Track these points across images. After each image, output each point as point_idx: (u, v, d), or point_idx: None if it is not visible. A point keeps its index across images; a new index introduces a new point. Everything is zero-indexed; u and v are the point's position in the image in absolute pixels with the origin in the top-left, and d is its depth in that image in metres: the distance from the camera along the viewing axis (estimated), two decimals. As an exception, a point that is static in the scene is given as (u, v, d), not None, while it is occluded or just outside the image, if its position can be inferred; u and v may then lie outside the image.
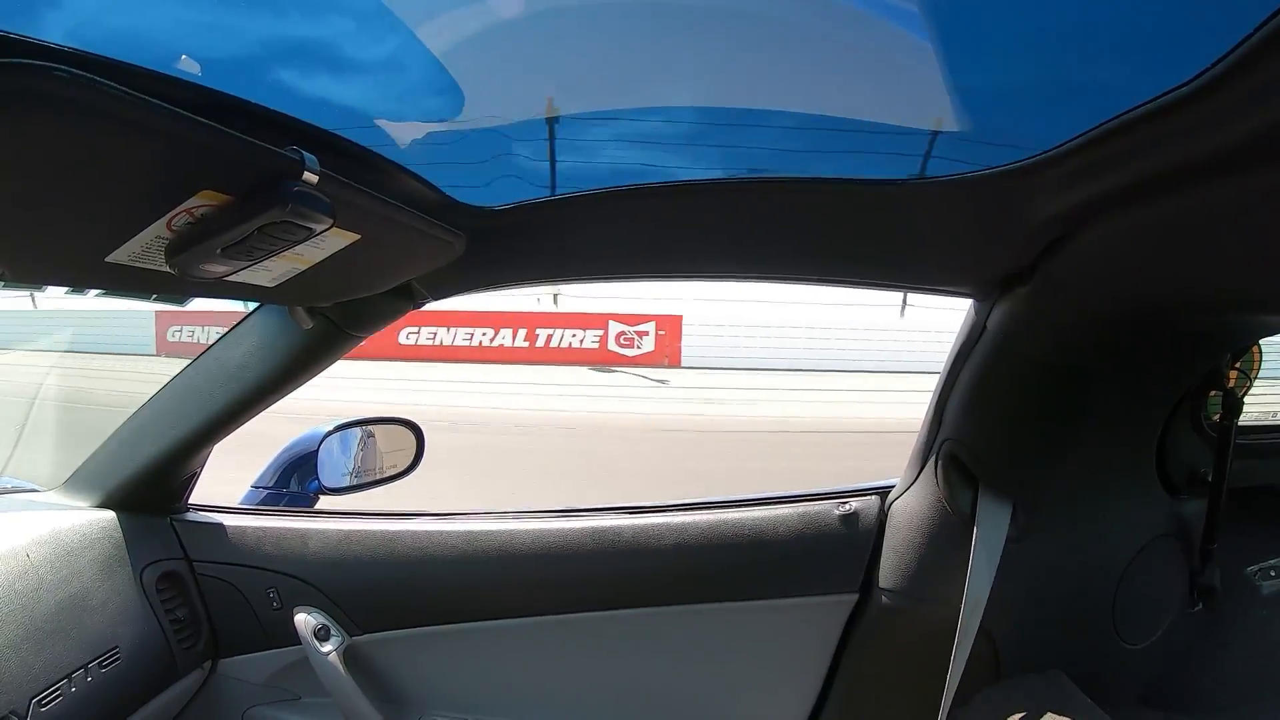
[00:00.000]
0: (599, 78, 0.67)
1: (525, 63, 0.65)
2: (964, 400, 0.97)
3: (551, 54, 0.64)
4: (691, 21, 0.61)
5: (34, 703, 0.83)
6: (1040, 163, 0.63)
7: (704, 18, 0.61)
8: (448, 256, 0.82)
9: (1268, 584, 1.16)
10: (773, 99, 0.68)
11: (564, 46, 0.64)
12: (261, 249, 0.56)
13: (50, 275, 0.65)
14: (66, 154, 0.42)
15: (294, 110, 0.58)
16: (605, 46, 0.64)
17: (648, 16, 0.61)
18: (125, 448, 1.11)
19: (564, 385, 10.56)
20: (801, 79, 0.66)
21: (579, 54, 0.65)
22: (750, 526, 1.10)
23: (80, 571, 0.97)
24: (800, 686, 1.13)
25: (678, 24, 0.61)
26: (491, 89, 0.68)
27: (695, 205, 0.80)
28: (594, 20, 0.62)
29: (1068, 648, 1.06)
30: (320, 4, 0.57)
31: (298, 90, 0.60)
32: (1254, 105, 0.47)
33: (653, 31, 0.62)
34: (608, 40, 0.63)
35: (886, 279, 0.96)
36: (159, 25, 0.53)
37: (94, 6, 0.50)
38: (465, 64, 0.63)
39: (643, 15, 0.61)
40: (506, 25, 0.60)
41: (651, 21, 0.61)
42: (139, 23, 0.52)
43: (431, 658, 1.16)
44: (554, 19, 0.61)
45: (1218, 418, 1.06)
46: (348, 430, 1.38)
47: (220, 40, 0.55)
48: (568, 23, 0.61)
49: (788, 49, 0.62)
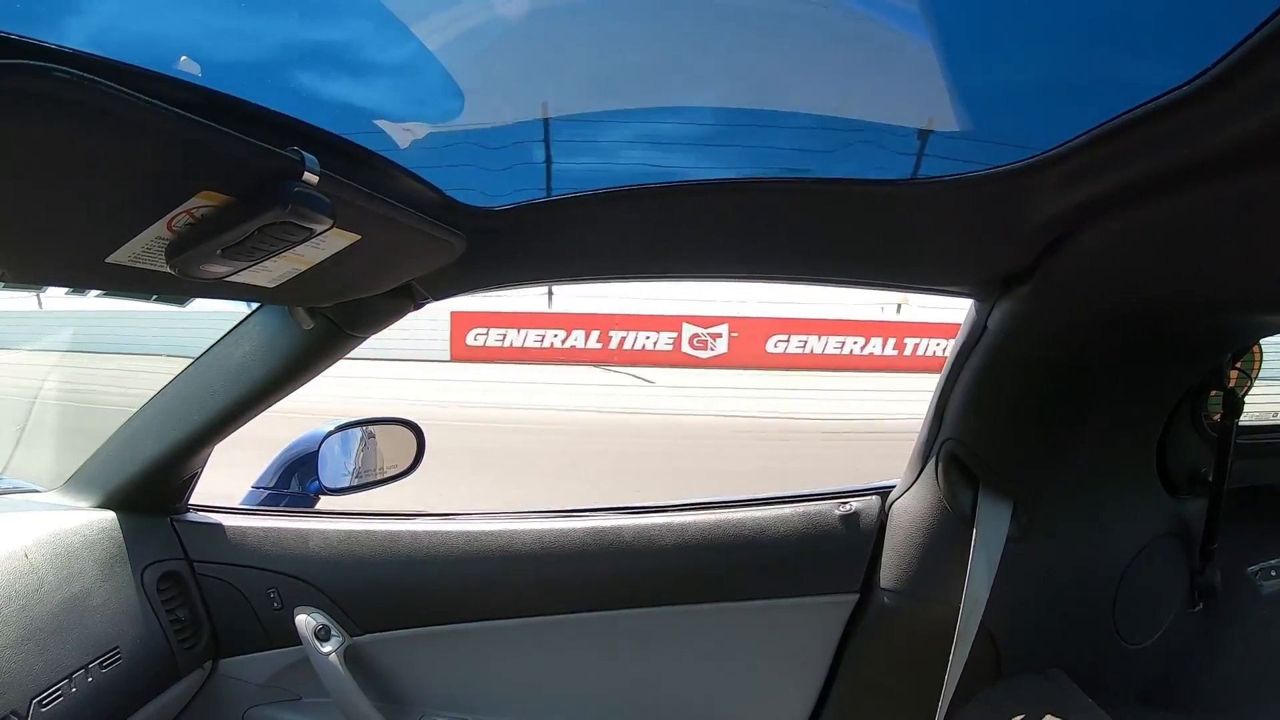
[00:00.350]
0: (598, 79, 0.67)
1: (525, 63, 0.65)
2: (965, 400, 0.97)
3: (551, 54, 0.64)
4: (692, 22, 0.61)
5: (35, 703, 0.83)
6: (1041, 162, 0.63)
7: (705, 19, 0.61)
8: (448, 257, 0.82)
9: (1268, 584, 1.16)
10: (773, 100, 0.68)
11: (563, 47, 0.64)
12: (262, 249, 0.56)
13: (51, 275, 0.65)
14: (67, 154, 0.42)
15: (294, 111, 0.58)
16: (604, 47, 0.64)
17: (647, 16, 0.61)
18: (126, 448, 1.11)
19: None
20: (801, 79, 0.66)
21: (578, 54, 0.65)
22: (751, 526, 1.10)
23: (81, 572, 0.97)
24: (801, 686, 1.13)
25: (678, 24, 0.61)
26: (491, 89, 0.68)
27: (696, 205, 0.80)
28: (592, 20, 0.62)
29: (1068, 647, 1.06)
30: (322, 5, 0.57)
31: (299, 91, 0.60)
32: (1254, 105, 0.47)
33: (653, 31, 0.62)
34: (607, 41, 0.63)
35: (887, 279, 0.96)
36: (164, 29, 0.53)
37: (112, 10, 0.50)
38: (465, 64, 0.63)
39: (642, 14, 0.61)
40: (506, 26, 0.60)
41: (651, 21, 0.61)
42: (150, 27, 0.52)
43: (432, 658, 1.16)
44: (553, 19, 0.61)
45: (1218, 417, 1.06)
46: (348, 430, 1.38)
47: (222, 40, 0.55)
48: (566, 23, 0.62)
49: (788, 50, 0.62)
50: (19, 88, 0.37)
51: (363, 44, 0.61)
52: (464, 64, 0.63)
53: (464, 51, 0.62)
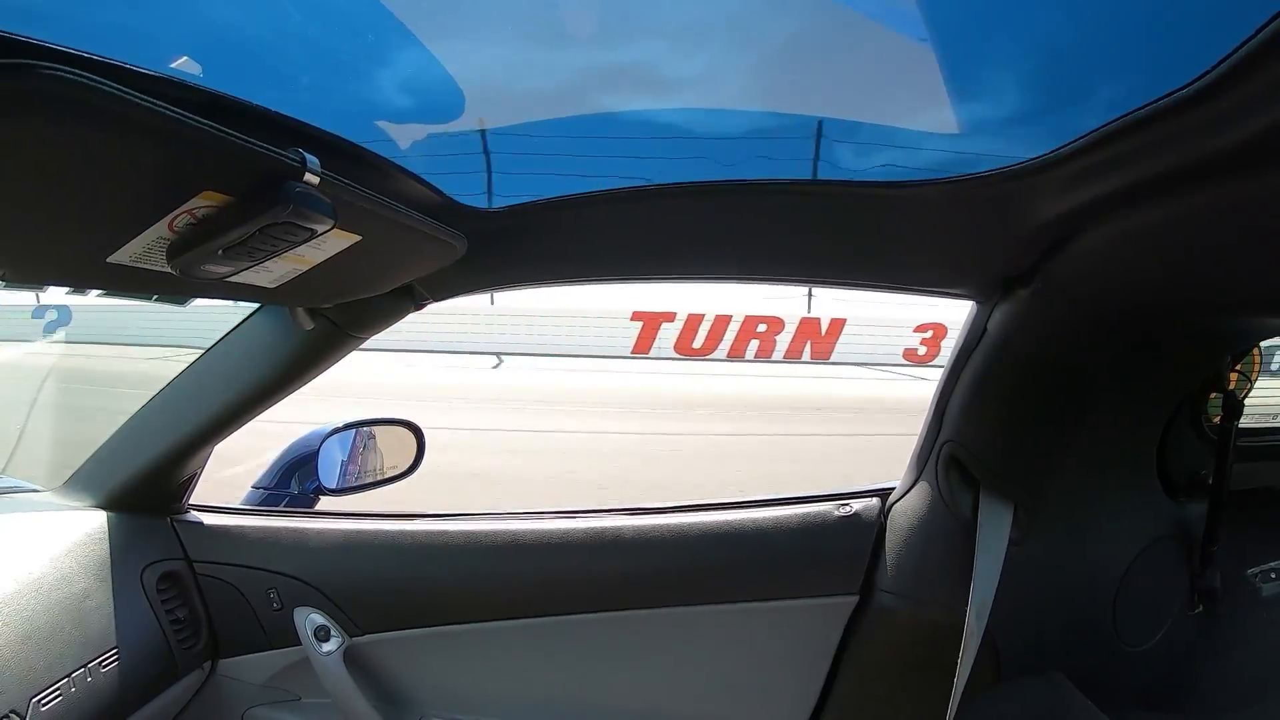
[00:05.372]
0: (597, 80, 0.67)
1: (524, 63, 0.65)
2: (965, 402, 0.97)
3: (551, 54, 0.64)
4: (692, 21, 0.61)
5: (34, 702, 0.83)
6: (1042, 165, 0.63)
7: (705, 18, 0.61)
8: (449, 257, 0.82)
9: (1268, 586, 1.16)
10: (773, 101, 0.68)
11: (563, 46, 0.64)
12: (263, 250, 0.56)
13: (51, 275, 0.65)
14: (67, 155, 0.42)
15: (296, 112, 0.58)
16: (604, 46, 0.64)
17: (648, 15, 0.61)
18: (126, 448, 1.11)
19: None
20: (802, 80, 0.66)
21: (578, 54, 0.65)
22: (750, 528, 1.10)
23: (80, 571, 0.97)
24: (800, 688, 1.13)
25: (678, 23, 0.61)
26: (491, 90, 0.68)
27: (696, 207, 0.80)
28: (591, 20, 0.62)
29: (1068, 650, 1.06)
30: (325, 5, 0.57)
31: (300, 91, 0.60)
32: (1255, 108, 0.47)
33: (652, 31, 0.62)
34: (606, 39, 0.63)
35: (887, 281, 0.96)
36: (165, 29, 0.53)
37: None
38: (465, 65, 0.63)
39: (644, 13, 0.61)
40: (505, 25, 0.60)
41: (652, 20, 0.61)
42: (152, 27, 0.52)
43: (431, 658, 1.16)
44: (550, 19, 0.61)
45: (1218, 420, 1.06)
46: (348, 431, 1.38)
47: (223, 40, 0.55)
48: (565, 24, 0.62)
49: (789, 50, 0.62)
50: (19, 88, 0.37)
51: (364, 44, 0.61)
52: (464, 64, 0.63)
53: (464, 51, 0.62)
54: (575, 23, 0.62)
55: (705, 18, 0.60)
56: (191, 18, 0.55)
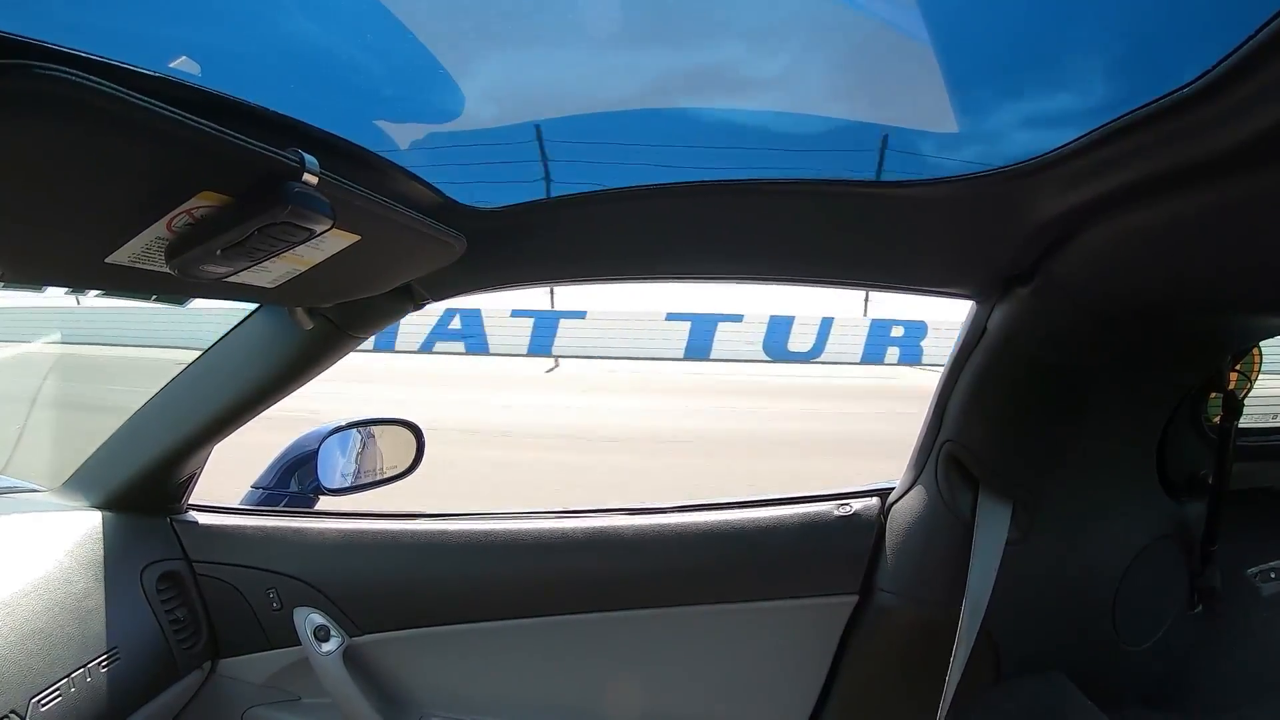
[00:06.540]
0: (596, 80, 0.67)
1: (525, 63, 0.65)
2: (964, 401, 0.97)
3: (550, 54, 0.64)
4: (693, 21, 0.61)
5: (34, 702, 0.83)
6: (1042, 164, 0.63)
7: (705, 19, 0.61)
8: (448, 257, 0.82)
9: (1268, 586, 1.16)
10: (774, 101, 0.68)
11: (562, 46, 0.63)
12: (261, 250, 0.56)
13: (50, 275, 0.65)
14: (66, 155, 0.42)
15: (294, 111, 0.58)
16: (603, 46, 0.63)
17: (648, 14, 0.61)
18: (125, 448, 1.11)
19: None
20: (803, 81, 0.65)
21: (576, 55, 0.65)
22: (750, 528, 1.10)
23: (80, 571, 0.97)
24: (800, 687, 1.13)
25: (679, 23, 0.61)
26: (491, 90, 0.67)
27: (696, 206, 0.80)
28: (589, 20, 0.61)
29: (1068, 649, 1.06)
30: (323, 4, 0.57)
31: (299, 91, 0.60)
32: (1255, 107, 0.47)
33: (652, 30, 0.62)
34: (606, 39, 0.63)
35: (887, 281, 0.96)
36: (165, 29, 0.53)
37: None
38: (465, 64, 0.63)
39: (643, 13, 0.61)
40: (505, 25, 0.60)
41: (651, 20, 0.61)
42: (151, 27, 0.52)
43: (431, 658, 1.16)
44: (550, 19, 0.61)
45: (1218, 419, 1.06)
46: (348, 431, 1.38)
47: (224, 40, 0.55)
48: (564, 24, 0.61)
49: (790, 51, 0.62)
50: (19, 88, 0.37)
51: (365, 44, 0.61)
52: (464, 63, 0.63)
53: (464, 51, 0.62)
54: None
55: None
56: (192, 18, 0.55)
